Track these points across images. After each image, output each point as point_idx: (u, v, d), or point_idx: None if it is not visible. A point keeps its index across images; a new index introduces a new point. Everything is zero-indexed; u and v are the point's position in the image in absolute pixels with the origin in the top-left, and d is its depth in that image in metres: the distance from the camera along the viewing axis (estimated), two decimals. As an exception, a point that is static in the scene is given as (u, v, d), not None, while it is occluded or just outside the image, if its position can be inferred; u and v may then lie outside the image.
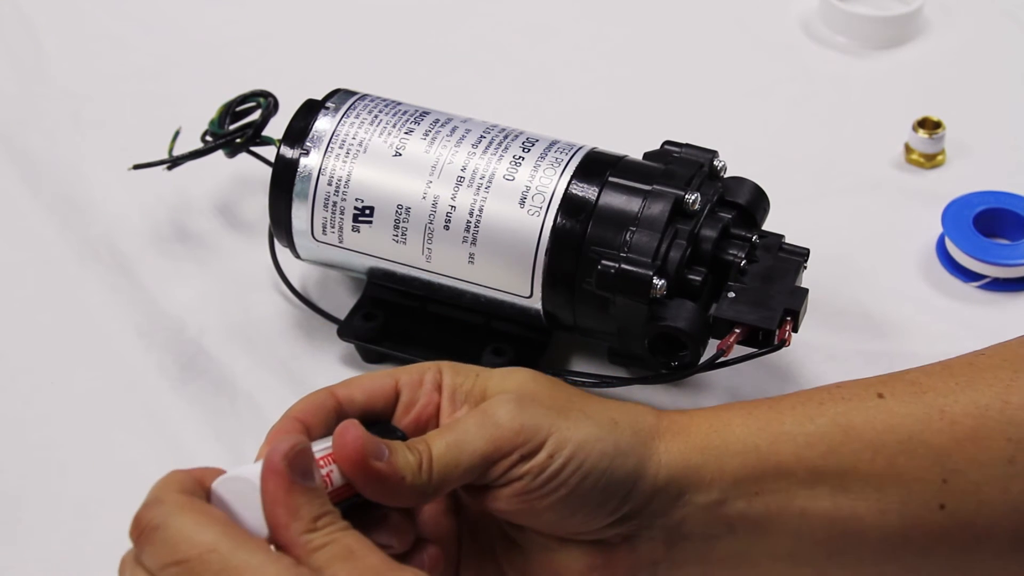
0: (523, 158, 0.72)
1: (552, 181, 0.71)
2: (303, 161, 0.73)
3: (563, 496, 0.58)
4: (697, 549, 0.61)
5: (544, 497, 0.58)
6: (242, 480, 0.54)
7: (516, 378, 0.61)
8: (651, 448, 0.60)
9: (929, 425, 0.59)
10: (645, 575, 0.61)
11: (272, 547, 0.52)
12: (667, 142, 0.74)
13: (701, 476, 0.60)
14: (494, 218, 0.71)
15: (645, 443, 0.60)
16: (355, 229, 0.73)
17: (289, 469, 0.53)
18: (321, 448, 0.56)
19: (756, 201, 0.74)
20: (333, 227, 0.73)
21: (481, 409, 0.59)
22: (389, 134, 0.73)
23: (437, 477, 0.57)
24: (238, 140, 0.79)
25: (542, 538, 0.60)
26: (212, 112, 0.80)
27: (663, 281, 0.68)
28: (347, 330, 0.76)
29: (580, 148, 0.73)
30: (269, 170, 0.75)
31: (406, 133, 0.73)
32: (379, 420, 0.60)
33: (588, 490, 0.58)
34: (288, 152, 0.74)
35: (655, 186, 0.70)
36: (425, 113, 0.74)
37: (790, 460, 0.60)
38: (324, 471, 0.55)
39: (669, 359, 0.70)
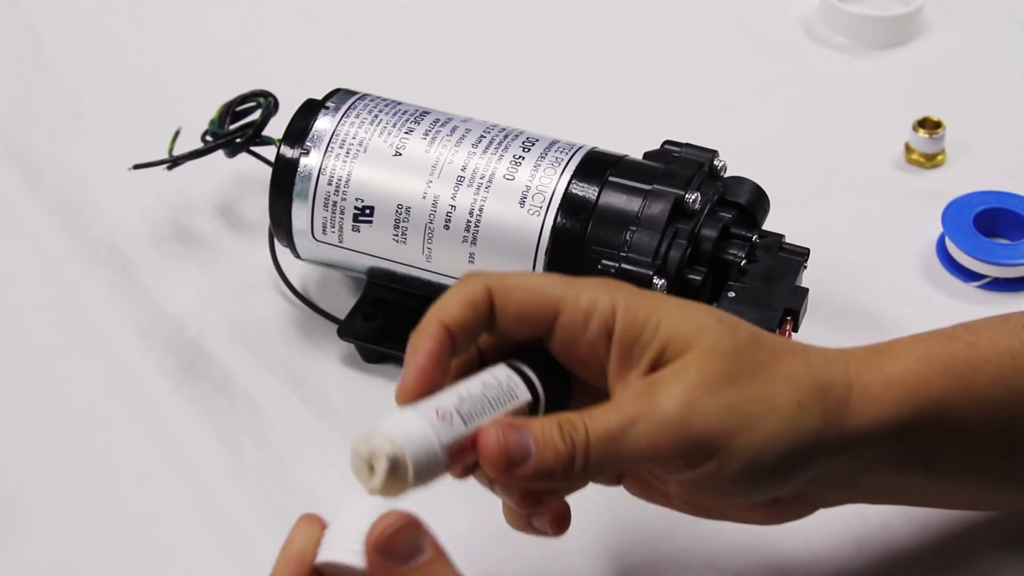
0: (523, 158, 0.72)
1: (552, 181, 0.71)
2: (303, 161, 0.73)
3: (733, 494, 0.56)
4: (865, 486, 0.60)
5: (711, 495, 0.56)
6: (345, 567, 0.52)
7: (703, 341, 0.55)
8: (839, 427, 0.57)
9: None
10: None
11: None
12: (667, 142, 0.74)
13: (886, 450, 0.58)
14: (494, 218, 0.71)
15: (833, 424, 0.56)
16: (355, 229, 0.73)
17: (389, 558, 0.51)
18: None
19: (756, 201, 0.74)
20: (333, 227, 0.73)
21: (650, 395, 0.55)
22: (389, 134, 0.73)
23: (591, 471, 0.54)
24: (238, 140, 0.79)
25: None
26: (212, 112, 0.80)
27: (663, 281, 0.68)
28: (347, 330, 0.76)
29: (580, 148, 0.73)
30: (269, 170, 0.75)
31: (406, 133, 0.73)
32: (534, 346, 0.57)
33: (762, 487, 0.56)
34: (288, 152, 0.74)
35: (655, 186, 0.70)
36: (425, 113, 0.74)
37: (979, 427, 0.58)
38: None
39: (669, 359, 0.70)
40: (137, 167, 0.81)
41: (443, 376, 0.56)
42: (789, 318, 0.70)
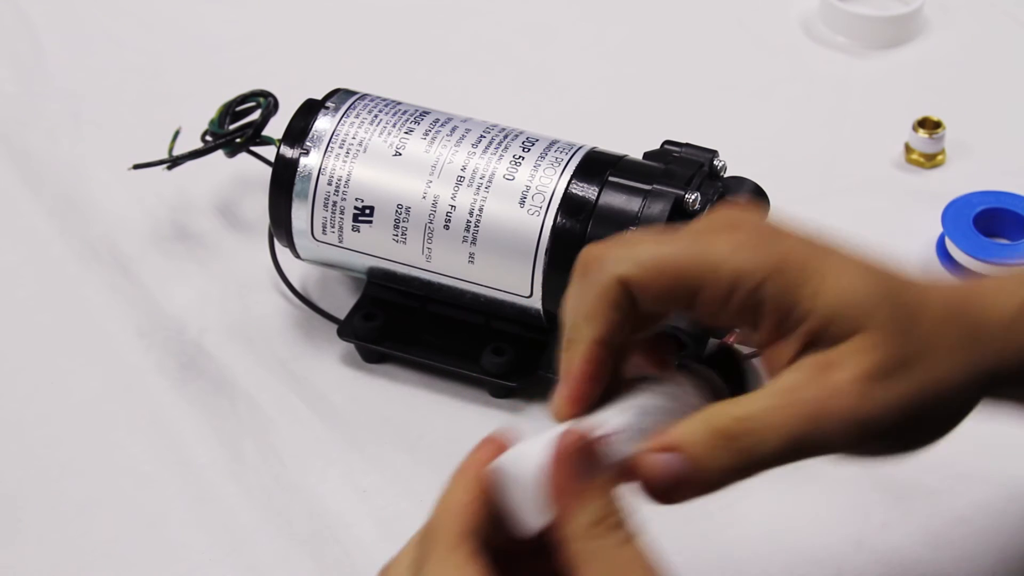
0: (523, 158, 0.72)
1: (552, 181, 0.71)
2: (303, 161, 0.73)
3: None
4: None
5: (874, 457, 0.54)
6: (525, 461, 0.49)
7: (871, 322, 0.51)
8: (997, 383, 0.54)
9: None
10: None
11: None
12: (667, 142, 0.74)
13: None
14: (494, 218, 0.71)
15: (993, 382, 0.54)
16: (355, 229, 0.73)
17: (580, 463, 0.48)
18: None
19: (756, 201, 0.74)
20: (333, 227, 0.73)
21: (822, 389, 0.50)
22: (389, 134, 0.73)
23: (749, 471, 0.51)
24: (238, 140, 0.79)
25: None
26: (212, 112, 0.80)
27: (663, 281, 0.68)
28: (347, 330, 0.76)
29: (580, 148, 0.73)
30: (269, 170, 0.75)
31: (406, 133, 0.73)
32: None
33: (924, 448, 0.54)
34: (288, 152, 0.74)
35: (655, 186, 0.70)
36: (425, 113, 0.74)
37: None
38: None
39: (669, 359, 0.70)
40: (137, 167, 0.81)
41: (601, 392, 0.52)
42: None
